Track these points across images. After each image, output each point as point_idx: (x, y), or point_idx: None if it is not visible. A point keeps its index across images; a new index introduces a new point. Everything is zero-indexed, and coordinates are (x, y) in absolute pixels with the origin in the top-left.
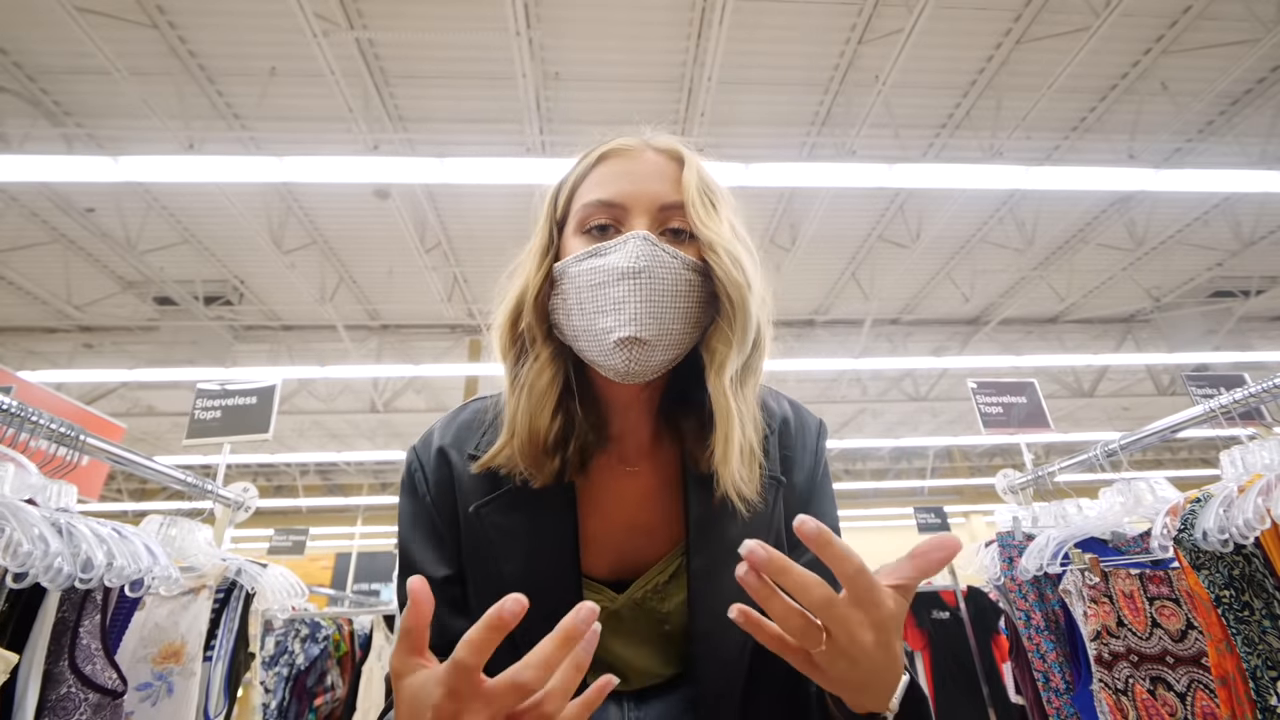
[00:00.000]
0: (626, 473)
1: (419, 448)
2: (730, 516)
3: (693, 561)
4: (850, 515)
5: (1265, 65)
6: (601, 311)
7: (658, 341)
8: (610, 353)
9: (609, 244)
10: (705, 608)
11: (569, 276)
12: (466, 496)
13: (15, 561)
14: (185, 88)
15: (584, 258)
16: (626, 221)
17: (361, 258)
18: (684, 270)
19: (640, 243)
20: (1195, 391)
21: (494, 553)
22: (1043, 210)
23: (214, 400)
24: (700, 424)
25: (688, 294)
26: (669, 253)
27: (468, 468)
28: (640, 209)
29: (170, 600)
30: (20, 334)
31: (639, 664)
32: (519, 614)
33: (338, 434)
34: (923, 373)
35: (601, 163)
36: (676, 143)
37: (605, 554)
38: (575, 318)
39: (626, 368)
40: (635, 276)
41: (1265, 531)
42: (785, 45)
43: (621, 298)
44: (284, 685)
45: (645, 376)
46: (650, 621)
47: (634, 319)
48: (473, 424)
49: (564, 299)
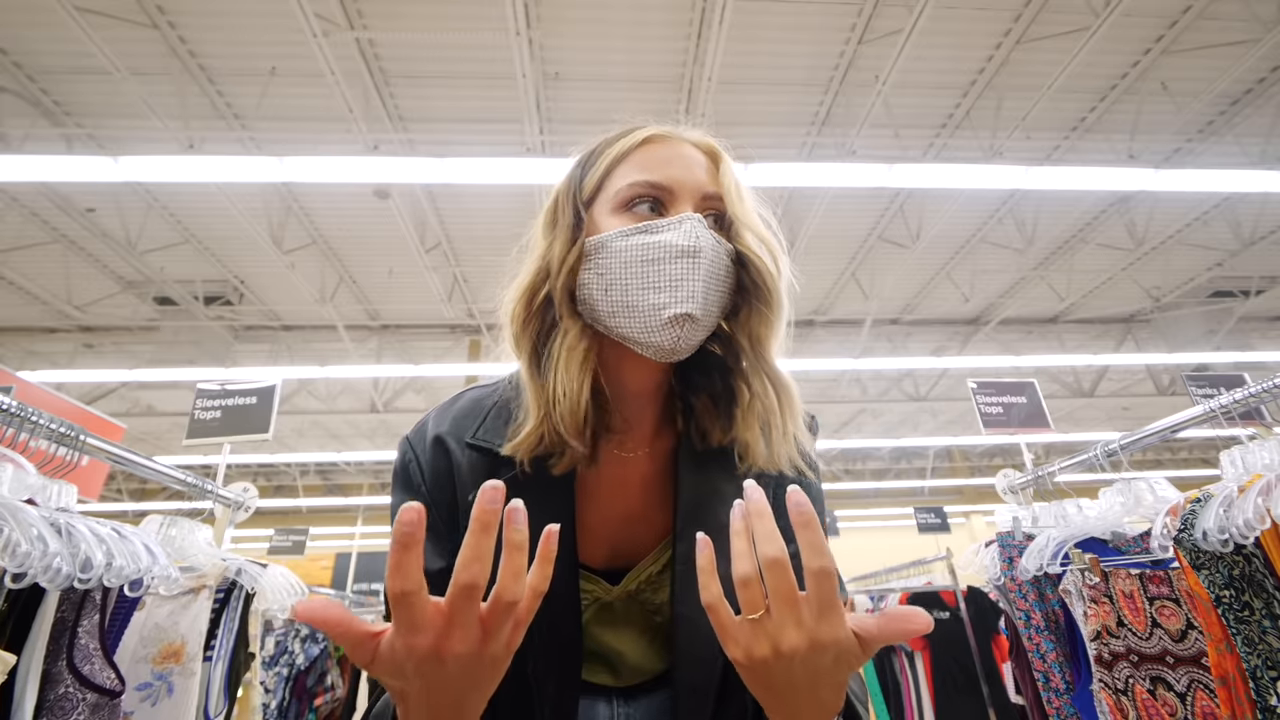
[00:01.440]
0: (626, 459)
1: (412, 438)
2: (721, 501)
3: (678, 545)
4: (850, 515)
5: (1265, 65)
6: (653, 287)
7: (705, 319)
8: (659, 329)
9: (662, 221)
10: (688, 593)
11: (613, 251)
12: (465, 486)
13: (14, 562)
14: (185, 88)
15: (632, 233)
16: (673, 205)
17: (361, 258)
18: (725, 257)
19: (697, 223)
20: (1195, 391)
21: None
22: (1043, 210)
23: (214, 400)
24: (713, 400)
25: (725, 279)
26: (716, 238)
27: (466, 456)
28: (687, 194)
29: (170, 600)
30: (20, 334)
31: (631, 658)
32: (418, 524)
33: (338, 434)
34: (923, 373)
35: (645, 146)
36: (711, 138)
37: (602, 544)
38: (617, 293)
39: (674, 344)
40: (695, 255)
41: (1265, 531)
42: (785, 45)
43: (679, 275)
44: (284, 685)
45: (682, 354)
46: (643, 614)
47: (691, 296)
48: (470, 412)
49: (600, 274)
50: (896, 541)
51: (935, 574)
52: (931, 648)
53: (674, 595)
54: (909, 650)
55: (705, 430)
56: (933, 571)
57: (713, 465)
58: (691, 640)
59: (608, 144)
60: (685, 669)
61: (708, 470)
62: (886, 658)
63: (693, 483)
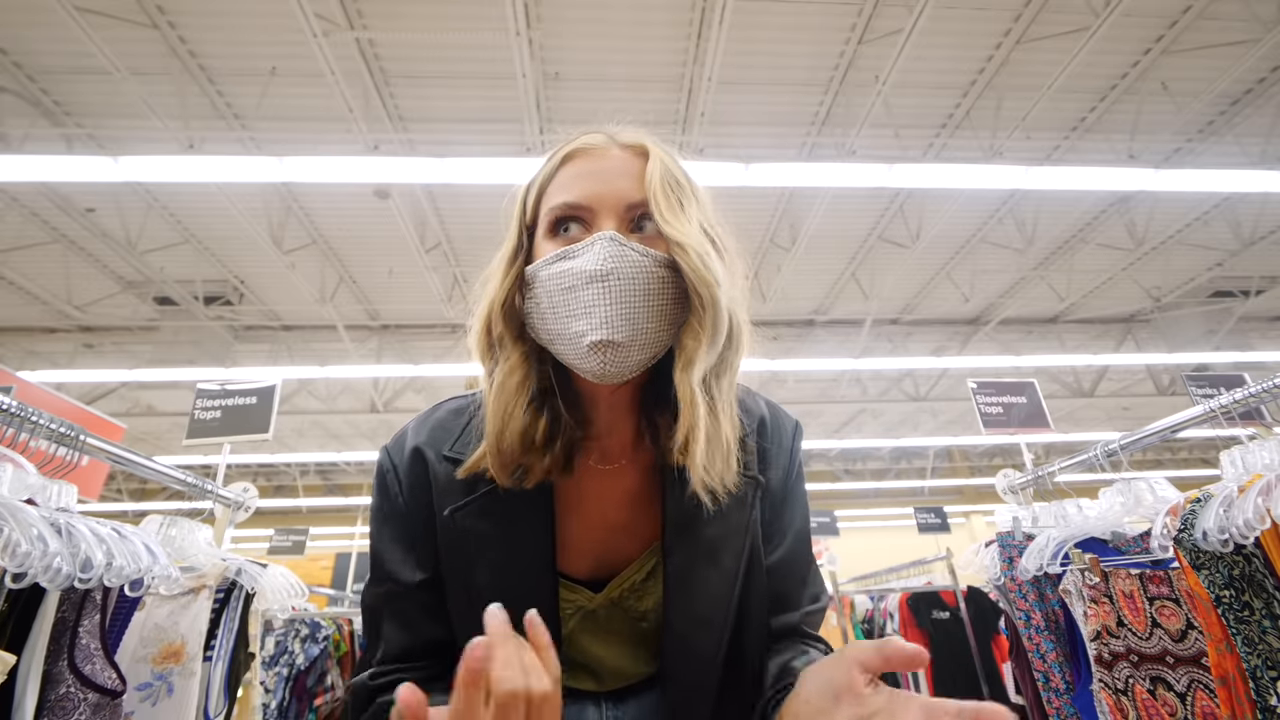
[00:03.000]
0: (606, 471)
1: (391, 449)
2: (707, 516)
3: (669, 562)
4: (850, 515)
5: (1265, 65)
6: (573, 315)
7: (631, 342)
8: (585, 356)
9: (576, 247)
10: (681, 608)
11: (540, 280)
12: (442, 499)
13: (14, 561)
14: (185, 88)
15: (553, 261)
16: (595, 223)
17: (361, 258)
18: (655, 267)
19: (607, 244)
20: (1195, 391)
21: (469, 557)
22: (1043, 210)
23: (214, 400)
24: (674, 419)
25: (660, 291)
26: (638, 251)
27: (444, 468)
28: (607, 210)
29: (170, 600)
30: (20, 334)
31: (615, 663)
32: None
33: (338, 434)
34: (923, 373)
35: (567, 163)
36: (643, 137)
37: (585, 554)
38: (549, 321)
39: (602, 370)
40: (604, 279)
41: (1265, 531)
42: (785, 45)
43: (592, 301)
44: (284, 685)
45: (623, 377)
46: (627, 620)
47: (605, 322)
48: (447, 424)
49: (537, 303)
50: (896, 541)
51: (935, 574)
52: (931, 647)
53: (668, 605)
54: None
55: (667, 452)
56: (933, 571)
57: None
58: (686, 645)
59: (544, 165)
60: (681, 672)
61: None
62: None
63: (678, 496)
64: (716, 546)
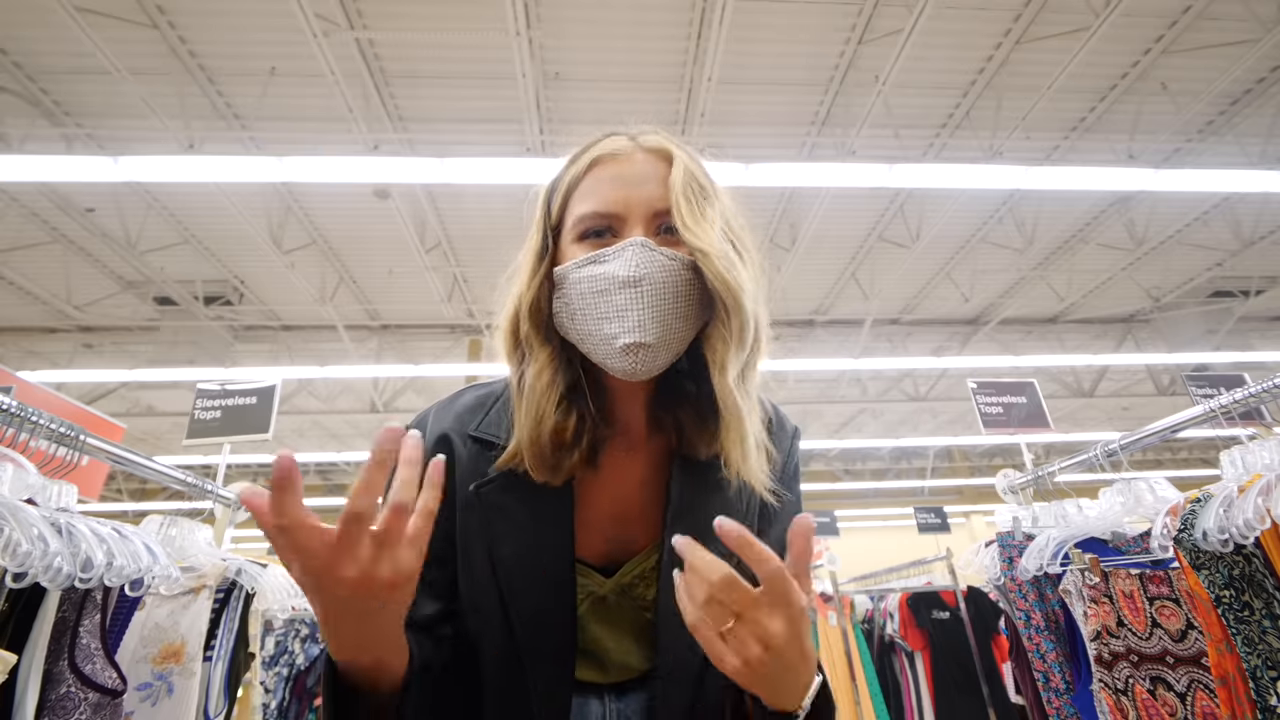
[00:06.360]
0: (624, 460)
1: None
2: (709, 502)
3: (665, 546)
4: (850, 515)
5: (1265, 65)
6: (605, 318)
7: (661, 344)
8: (616, 357)
9: (607, 251)
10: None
11: (570, 282)
12: (465, 477)
13: (14, 561)
14: (185, 88)
15: (583, 264)
16: (623, 230)
17: (361, 258)
18: (682, 270)
19: (639, 250)
20: (1195, 391)
21: (492, 533)
22: (1042, 210)
23: (214, 400)
24: (699, 414)
25: (687, 294)
26: (667, 255)
27: (468, 447)
28: (636, 216)
29: (170, 600)
30: (20, 334)
31: (620, 655)
32: (292, 467)
33: (338, 434)
34: (923, 373)
35: (594, 169)
36: (666, 141)
37: (599, 539)
38: (580, 322)
39: (633, 369)
40: (636, 285)
41: (1265, 531)
42: (785, 45)
43: (624, 305)
44: (284, 685)
45: (650, 375)
46: (634, 610)
47: (638, 325)
48: (474, 407)
49: (566, 303)
50: (896, 541)
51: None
52: (931, 647)
53: (660, 592)
54: (909, 650)
55: (692, 443)
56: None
57: (703, 471)
58: (675, 635)
59: (568, 167)
60: (667, 661)
61: (698, 475)
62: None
63: (683, 487)
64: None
